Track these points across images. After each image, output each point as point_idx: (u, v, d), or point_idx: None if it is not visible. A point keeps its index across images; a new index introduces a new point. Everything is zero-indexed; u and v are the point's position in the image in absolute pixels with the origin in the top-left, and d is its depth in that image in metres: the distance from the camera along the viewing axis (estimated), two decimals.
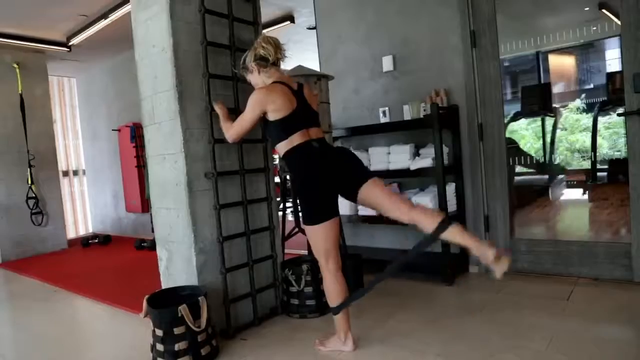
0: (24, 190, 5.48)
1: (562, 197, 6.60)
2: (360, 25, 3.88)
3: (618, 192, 5.71)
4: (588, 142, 7.97)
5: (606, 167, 6.63)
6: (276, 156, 3.40)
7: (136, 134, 5.87)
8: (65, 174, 7.08)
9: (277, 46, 2.26)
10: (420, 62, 3.55)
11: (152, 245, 5.27)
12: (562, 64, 9.47)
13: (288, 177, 3.77)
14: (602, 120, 7.22)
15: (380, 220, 3.50)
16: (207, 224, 2.50)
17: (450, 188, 3.31)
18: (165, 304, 2.26)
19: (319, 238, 2.12)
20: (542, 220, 5.19)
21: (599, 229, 4.44)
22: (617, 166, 6.29)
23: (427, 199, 3.22)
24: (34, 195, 5.54)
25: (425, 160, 3.21)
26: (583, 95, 8.56)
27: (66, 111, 7.28)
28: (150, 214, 5.93)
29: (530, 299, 2.79)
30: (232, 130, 2.32)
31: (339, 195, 2.19)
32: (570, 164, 7.64)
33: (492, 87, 3.27)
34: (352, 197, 2.17)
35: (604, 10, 6.22)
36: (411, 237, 3.66)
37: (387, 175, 3.48)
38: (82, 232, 7.28)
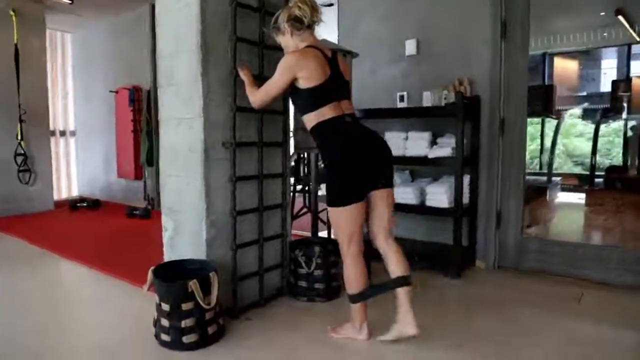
0: (12, 146, 5.23)
1: (558, 200, 6.62)
2: (384, 6, 3.72)
3: (615, 198, 5.75)
4: (584, 148, 8.02)
5: (603, 173, 6.68)
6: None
7: (135, 97, 5.64)
8: (53, 133, 6.80)
9: (314, 8, 2.10)
10: (444, 48, 3.43)
11: (144, 214, 5.13)
12: (566, 67, 9.42)
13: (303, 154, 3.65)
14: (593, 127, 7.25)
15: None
16: (221, 196, 2.37)
17: (465, 180, 3.22)
18: (171, 277, 2.13)
19: (345, 220, 2.00)
20: (541, 221, 5.17)
21: (600, 234, 4.44)
22: (614, 173, 6.35)
23: (442, 189, 3.13)
24: (22, 152, 5.29)
25: (445, 149, 3.11)
26: (586, 103, 8.56)
27: (57, 68, 6.95)
28: (144, 181, 5.78)
29: (540, 298, 2.75)
30: (258, 95, 2.17)
31: None
32: (570, 168, 7.65)
33: (518, 81, 3.17)
34: (367, 188, 2.09)
35: (619, 17, 6.17)
36: (424, 225, 3.58)
37: (402, 162, 3.38)
38: (65, 195, 7.03)
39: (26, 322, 2.41)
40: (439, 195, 3.15)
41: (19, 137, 5.26)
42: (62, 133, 7.08)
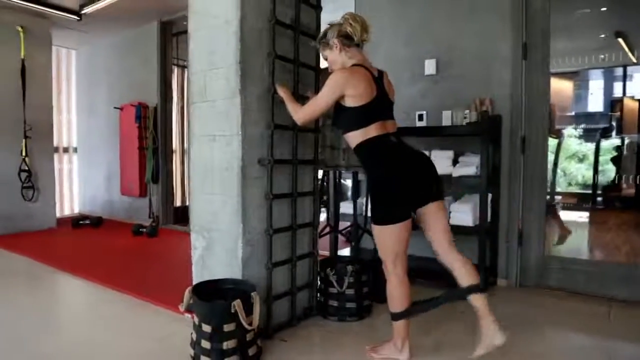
0: (16, 162, 5.13)
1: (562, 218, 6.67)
2: (404, 26, 3.77)
3: (616, 217, 5.85)
4: (579, 167, 8.11)
5: (600, 192, 6.78)
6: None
7: (142, 114, 5.59)
8: (56, 150, 6.70)
9: (364, 27, 2.10)
10: (464, 68, 3.47)
11: (151, 232, 5.05)
12: (561, 88, 9.64)
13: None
14: (589, 147, 7.40)
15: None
16: (256, 214, 2.34)
17: (488, 198, 3.23)
18: (207, 298, 2.09)
19: (391, 239, 1.98)
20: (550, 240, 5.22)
21: (612, 252, 4.48)
22: (612, 191, 6.46)
23: (467, 207, 3.14)
24: (27, 169, 5.19)
25: (470, 168, 3.13)
26: (582, 124, 8.73)
27: (62, 85, 6.89)
28: (149, 199, 5.70)
29: (569, 316, 2.74)
30: (303, 112, 2.15)
31: None
32: (567, 187, 7.77)
33: (539, 101, 3.21)
34: (416, 206, 2.06)
35: (619, 39, 6.34)
36: None
37: None
38: (66, 212, 6.91)
39: (48, 346, 2.32)
40: (463, 214, 3.14)
41: (24, 154, 5.16)
42: (65, 149, 6.98)
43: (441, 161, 3.24)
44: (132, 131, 5.74)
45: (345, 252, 3.83)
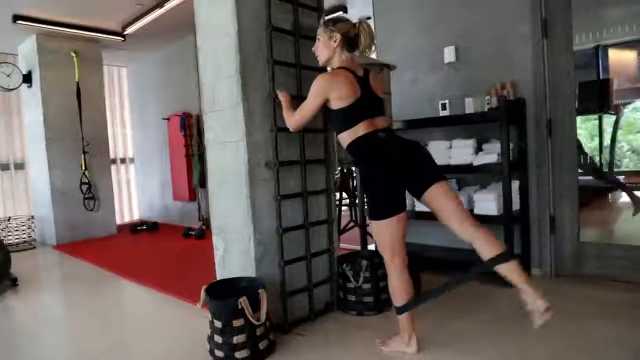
0: (78, 176, 5.63)
1: (622, 200, 6.23)
2: (420, 16, 3.73)
3: None
4: None
5: None
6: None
7: (186, 123, 5.92)
8: (114, 161, 7.25)
9: (372, 42, 2.15)
10: (484, 53, 3.37)
11: (199, 234, 5.33)
12: (623, 59, 8.88)
13: (346, 170, 3.69)
14: None
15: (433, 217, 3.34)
16: (266, 214, 2.45)
17: (514, 186, 3.13)
18: (223, 295, 2.22)
19: (386, 233, 2.01)
20: (602, 223, 4.90)
21: None
22: None
23: (490, 196, 3.06)
24: (87, 181, 5.68)
25: (491, 155, 3.05)
26: None
27: (116, 100, 7.44)
28: (198, 203, 6.02)
29: (603, 307, 2.60)
30: (293, 120, 2.23)
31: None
32: (636, 165, 7.19)
33: (564, 80, 3.06)
34: (417, 195, 2.06)
35: None
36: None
37: (447, 171, 3.31)
38: (127, 219, 7.45)
39: (102, 342, 2.58)
40: (487, 203, 3.07)
41: (83, 167, 5.65)
42: (122, 160, 7.53)
43: (462, 150, 3.19)
44: (178, 139, 6.09)
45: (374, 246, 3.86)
